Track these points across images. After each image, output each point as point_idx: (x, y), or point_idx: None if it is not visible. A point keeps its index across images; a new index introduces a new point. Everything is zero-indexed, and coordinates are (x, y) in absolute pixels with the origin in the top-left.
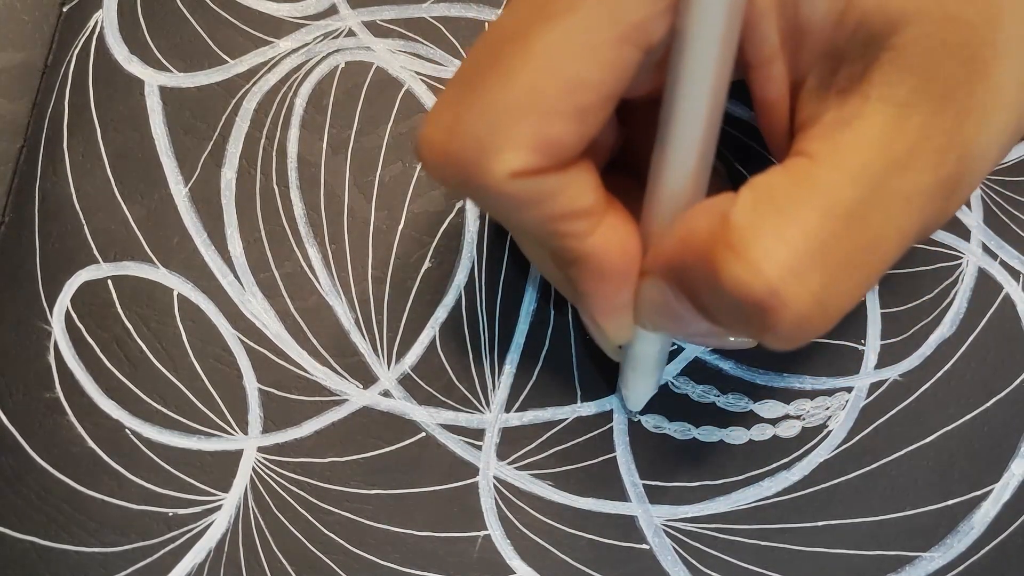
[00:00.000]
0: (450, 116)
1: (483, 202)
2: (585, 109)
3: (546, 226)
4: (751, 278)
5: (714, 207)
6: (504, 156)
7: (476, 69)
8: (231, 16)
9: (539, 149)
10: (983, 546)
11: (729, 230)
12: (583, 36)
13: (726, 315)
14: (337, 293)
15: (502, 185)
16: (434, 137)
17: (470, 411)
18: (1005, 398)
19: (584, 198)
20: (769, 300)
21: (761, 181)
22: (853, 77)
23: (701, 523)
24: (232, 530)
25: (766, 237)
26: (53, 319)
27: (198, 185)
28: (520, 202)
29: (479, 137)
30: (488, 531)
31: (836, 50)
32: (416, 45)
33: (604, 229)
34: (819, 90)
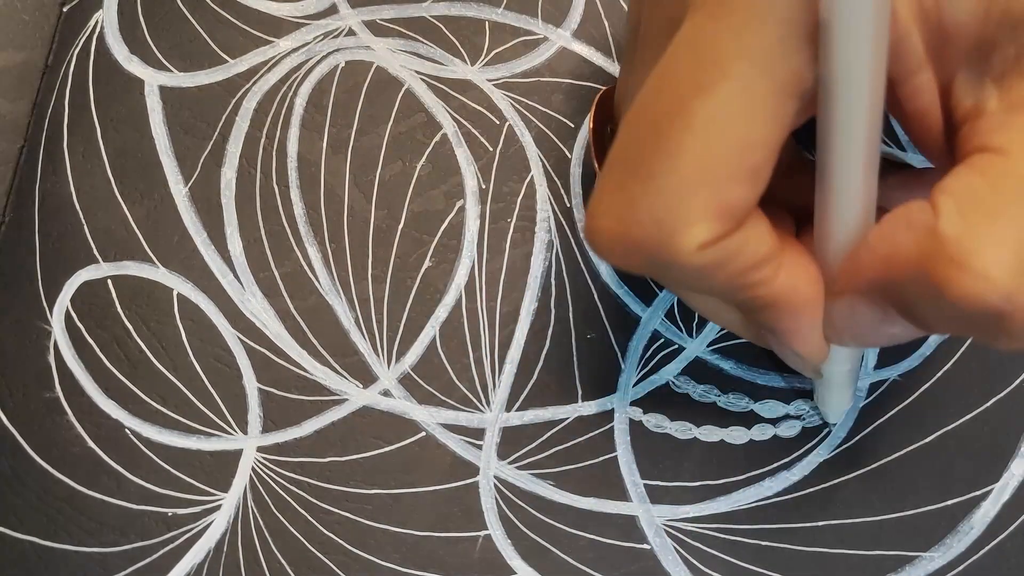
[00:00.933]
0: (621, 202)
1: (669, 276)
2: (757, 167)
3: (734, 282)
4: (984, 289)
5: (914, 220)
6: (689, 232)
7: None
8: (231, 16)
9: (721, 217)
10: (983, 546)
11: (944, 244)
12: (742, 98)
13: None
14: (337, 292)
15: (691, 259)
16: (608, 227)
17: (470, 410)
18: (1005, 398)
19: (764, 245)
20: (1005, 306)
21: (957, 186)
22: (1007, 60)
23: (702, 523)
24: (231, 530)
25: (988, 245)
26: (53, 319)
27: (198, 185)
28: (709, 269)
29: (659, 219)
30: (489, 531)
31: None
32: (416, 44)
33: (788, 268)
34: (973, 81)
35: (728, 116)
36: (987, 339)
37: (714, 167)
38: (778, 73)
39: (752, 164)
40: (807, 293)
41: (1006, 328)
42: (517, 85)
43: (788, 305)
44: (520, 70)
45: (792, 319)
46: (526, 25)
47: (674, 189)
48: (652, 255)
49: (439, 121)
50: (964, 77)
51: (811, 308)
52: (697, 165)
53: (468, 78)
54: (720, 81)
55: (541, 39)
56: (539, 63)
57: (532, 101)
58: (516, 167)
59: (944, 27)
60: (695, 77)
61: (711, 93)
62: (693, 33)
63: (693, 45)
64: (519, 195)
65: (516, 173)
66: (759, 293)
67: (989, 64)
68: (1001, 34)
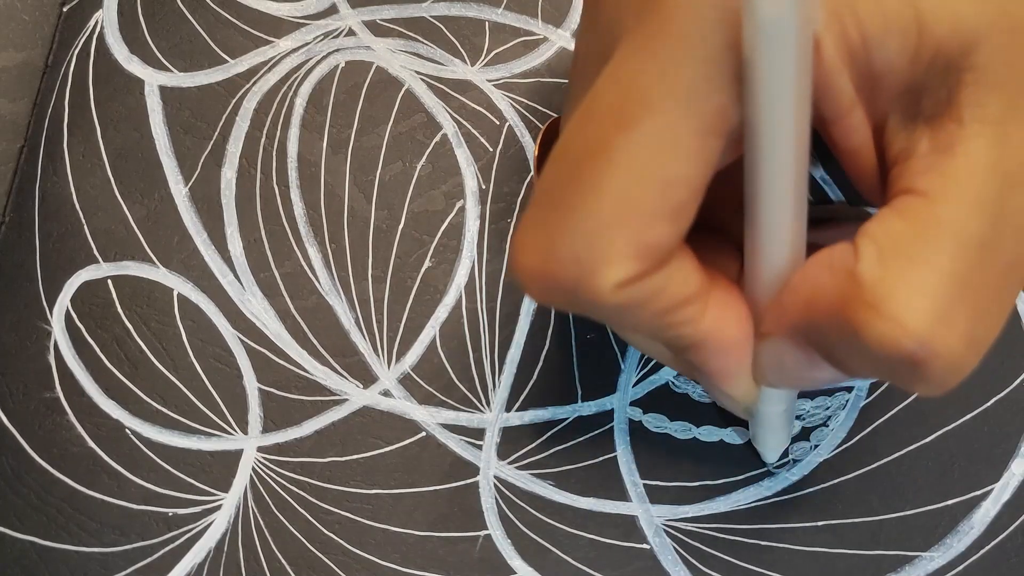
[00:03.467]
0: (543, 238)
1: (591, 313)
2: (679, 206)
3: (656, 321)
4: (898, 335)
5: (835, 264)
6: (608, 271)
7: (559, 187)
8: (231, 16)
9: (641, 256)
10: (983, 546)
11: (862, 288)
12: (665, 136)
13: (869, 369)
14: (337, 293)
15: (610, 298)
16: (530, 262)
17: (470, 411)
18: (1005, 398)
19: (688, 285)
20: (920, 353)
21: (879, 230)
22: (939, 103)
23: (702, 523)
24: (232, 530)
25: (903, 289)
26: (53, 319)
27: (198, 185)
28: (629, 308)
29: (578, 256)
30: (489, 531)
31: (915, 83)
32: (416, 44)
33: (714, 308)
34: (905, 122)
35: (650, 154)
36: (906, 385)
37: (634, 205)
38: (702, 111)
39: (674, 203)
40: (734, 334)
41: (922, 375)
42: (517, 85)
43: (714, 345)
44: (520, 70)
45: (718, 359)
46: (526, 25)
47: (593, 227)
48: (571, 293)
49: (439, 121)
50: (897, 118)
51: (738, 349)
52: (617, 203)
53: (468, 78)
54: (643, 118)
55: (541, 39)
56: (539, 63)
57: (532, 101)
58: (516, 167)
59: (874, 67)
60: (618, 113)
61: (633, 129)
62: (618, 68)
63: (618, 80)
64: (519, 195)
65: (516, 173)
66: (684, 332)
67: (920, 106)
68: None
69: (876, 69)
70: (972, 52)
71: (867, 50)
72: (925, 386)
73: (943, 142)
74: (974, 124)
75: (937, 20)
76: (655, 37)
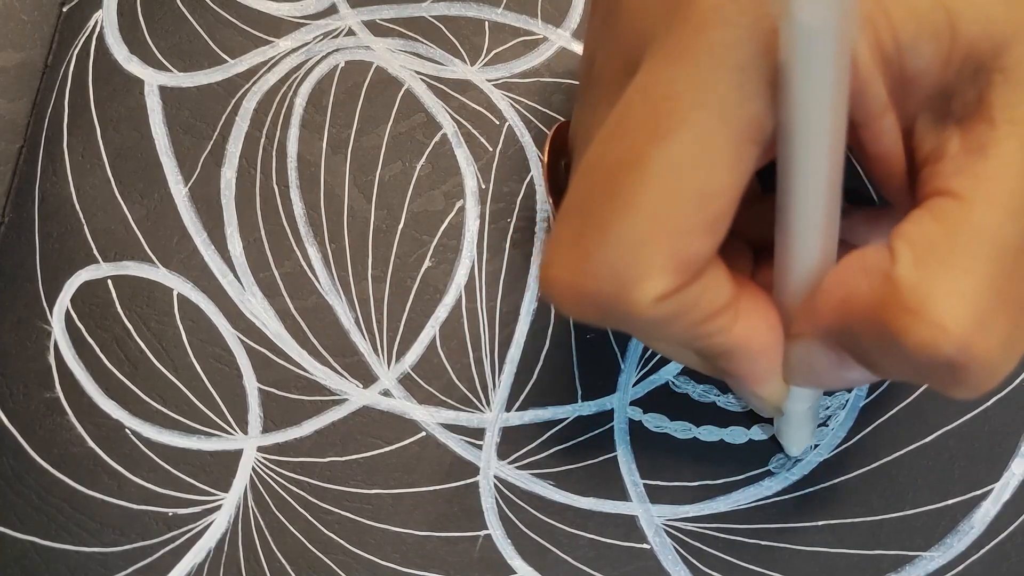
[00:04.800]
0: (577, 253)
1: (625, 327)
2: (716, 218)
3: (692, 332)
4: (938, 339)
5: (870, 267)
6: (646, 285)
7: (593, 201)
8: (231, 16)
9: (678, 269)
10: (983, 545)
11: (900, 292)
12: (700, 147)
13: (904, 372)
14: (337, 292)
15: (647, 312)
16: (564, 277)
17: (470, 410)
18: (1005, 398)
19: (722, 295)
20: (960, 357)
21: (915, 232)
22: (968, 104)
23: (702, 522)
24: (232, 530)
25: (942, 294)
26: (53, 319)
27: (198, 185)
28: (665, 321)
29: (615, 271)
30: (489, 531)
31: (946, 85)
32: (416, 44)
33: (745, 315)
34: (935, 124)
35: (686, 166)
36: (942, 388)
37: (672, 219)
38: (737, 120)
39: (711, 214)
40: (765, 340)
41: (961, 379)
42: (517, 85)
43: (746, 352)
44: (520, 70)
45: (749, 364)
46: (526, 25)
47: (630, 242)
48: (608, 308)
49: (439, 121)
50: (926, 119)
51: (769, 353)
52: (654, 217)
53: (468, 78)
54: (677, 130)
55: (541, 39)
56: (539, 63)
57: (532, 101)
58: (516, 167)
59: (906, 71)
60: (651, 125)
61: (668, 142)
62: (649, 79)
63: (649, 92)
64: (519, 195)
65: (516, 173)
66: (717, 341)
67: (950, 107)
68: (963, 78)
69: (908, 73)
70: (1002, 53)
71: (900, 55)
72: (962, 389)
73: (974, 143)
74: (1005, 125)
75: (969, 22)
76: (686, 47)
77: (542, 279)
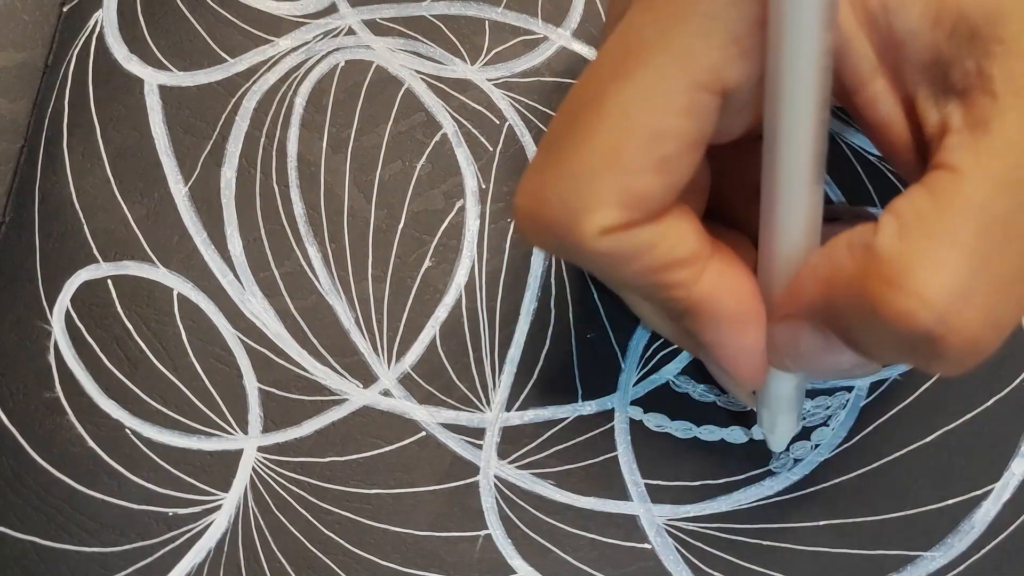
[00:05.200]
0: (536, 182)
1: (581, 262)
2: (667, 159)
3: (647, 279)
4: (916, 309)
5: (855, 241)
6: (592, 216)
7: (557, 134)
8: (231, 15)
9: (626, 204)
10: (984, 545)
11: (881, 263)
12: (655, 88)
13: (887, 349)
14: (337, 292)
15: (595, 243)
16: (524, 204)
17: (470, 410)
18: (1005, 398)
19: (683, 246)
20: (938, 329)
21: (903, 205)
22: (968, 75)
23: (703, 522)
24: (232, 530)
25: (923, 264)
26: (53, 319)
27: (198, 184)
28: (616, 258)
29: (565, 200)
30: (489, 531)
31: (940, 54)
32: (416, 43)
33: (711, 275)
34: (936, 97)
35: (639, 104)
36: (923, 364)
37: (621, 153)
38: (696, 67)
39: (662, 154)
40: (732, 305)
41: (940, 351)
42: (517, 85)
43: (710, 313)
44: (520, 70)
45: (714, 330)
46: (526, 24)
47: (581, 171)
48: (559, 237)
49: (439, 121)
50: (926, 92)
51: (737, 322)
52: (605, 150)
53: (468, 77)
54: (637, 70)
55: (541, 39)
56: (539, 63)
57: (532, 101)
58: (516, 167)
59: (895, 34)
60: (615, 66)
61: (626, 81)
62: (625, 24)
63: (623, 35)
64: None
65: (516, 173)
66: (676, 295)
67: (950, 79)
68: (957, 47)
69: (898, 35)
70: (1000, 23)
71: (887, 14)
72: (943, 364)
73: (977, 117)
74: (1008, 97)
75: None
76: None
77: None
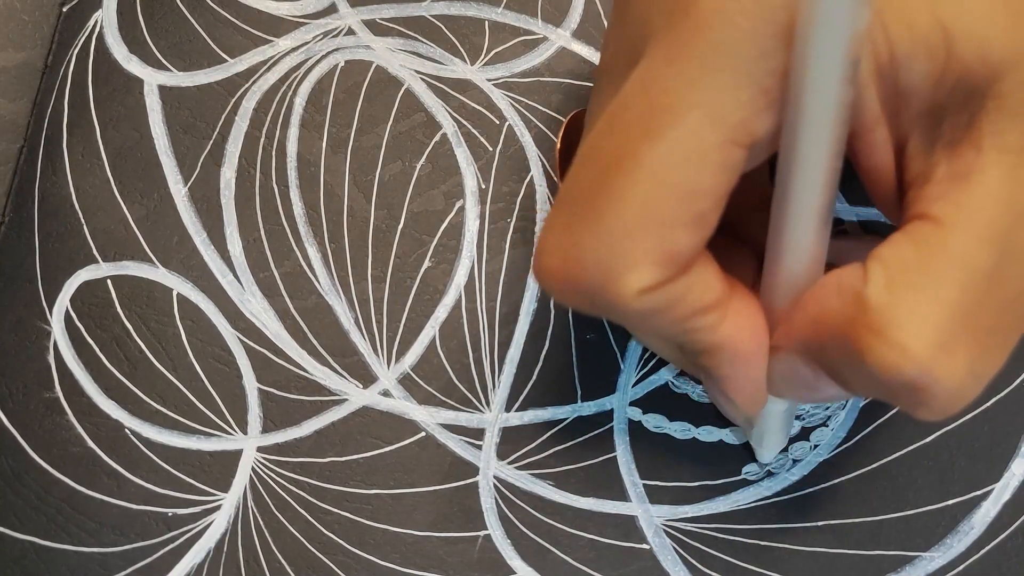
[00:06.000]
0: (567, 241)
1: (612, 317)
2: (702, 215)
3: (677, 327)
4: (900, 361)
5: (844, 285)
6: (631, 276)
7: (586, 191)
8: (230, 15)
9: (663, 263)
10: (983, 546)
11: (868, 312)
12: (690, 146)
13: (872, 391)
14: (337, 292)
15: (632, 303)
16: (553, 265)
17: (470, 411)
18: (1005, 398)
19: (710, 292)
20: (921, 380)
21: (889, 254)
22: (959, 128)
23: (701, 523)
24: (231, 530)
25: (909, 317)
26: (53, 319)
27: (197, 184)
28: (651, 313)
29: (602, 260)
30: (488, 531)
31: (938, 106)
32: (416, 44)
33: (733, 316)
34: (925, 145)
35: (675, 164)
36: (907, 408)
37: (658, 213)
38: (728, 123)
39: (697, 211)
40: (750, 345)
41: (922, 400)
42: (517, 85)
43: (729, 354)
44: (520, 70)
45: (730, 367)
46: (526, 25)
47: (617, 233)
48: (594, 297)
49: (439, 121)
50: (917, 140)
51: (752, 359)
52: (641, 210)
53: (468, 78)
54: (670, 128)
55: (541, 39)
56: (539, 63)
57: (532, 101)
58: (516, 167)
59: (899, 86)
60: (645, 121)
61: (660, 139)
62: (647, 75)
63: (646, 87)
64: (519, 195)
65: (516, 173)
66: (701, 338)
67: (941, 129)
68: (955, 100)
69: (902, 88)
70: (997, 80)
71: (894, 69)
72: (926, 411)
73: (960, 169)
74: (992, 152)
75: (965, 45)
76: (685, 44)
77: (535, 266)
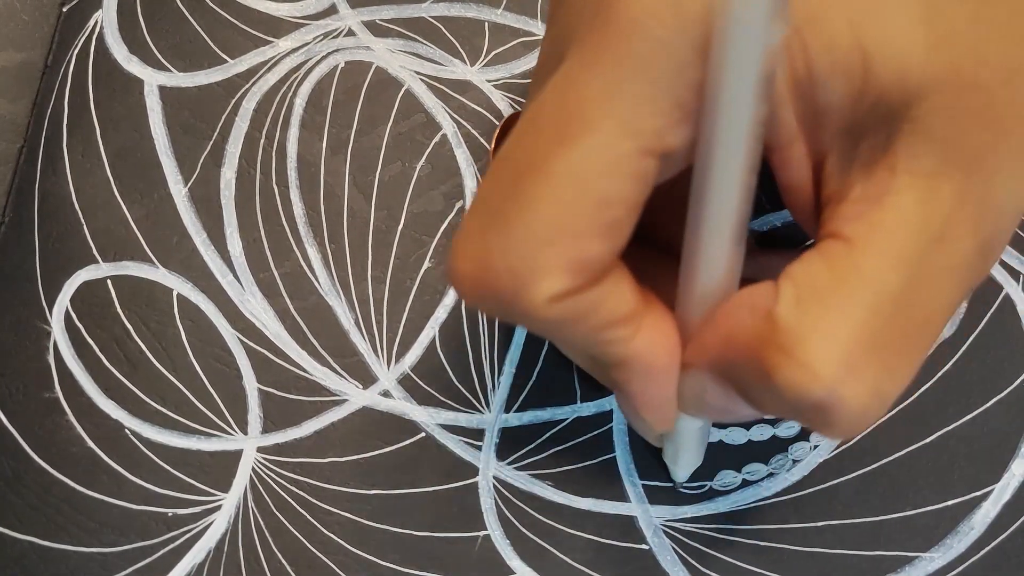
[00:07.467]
0: (479, 247)
1: (525, 325)
2: (614, 224)
3: (589, 338)
4: (807, 381)
5: (755, 303)
6: (541, 284)
7: (499, 196)
8: (231, 16)
9: (574, 271)
10: (983, 546)
11: (777, 331)
12: (603, 154)
13: (780, 409)
14: (337, 293)
15: (542, 311)
16: (466, 270)
17: (470, 411)
18: (1005, 398)
19: (624, 305)
20: (827, 400)
21: (801, 273)
22: (876, 148)
23: (700, 523)
24: (232, 530)
25: (816, 337)
26: (53, 319)
27: (197, 185)
28: (562, 322)
29: (512, 267)
30: (488, 531)
31: (856, 126)
32: (416, 45)
33: (646, 331)
34: (842, 163)
35: (587, 172)
36: (814, 428)
37: (570, 221)
38: (641, 133)
39: (609, 220)
40: (662, 360)
41: (828, 420)
42: (517, 86)
43: (640, 369)
44: (520, 71)
45: (641, 383)
46: (526, 26)
47: (528, 240)
48: (506, 304)
49: (439, 122)
50: (835, 158)
51: (663, 375)
52: (553, 218)
53: (468, 79)
54: (583, 135)
55: (540, 40)
56: None
57: None
58: None
59: (818, 105)
60: (559, 128)
61: (572, 147)
62: (565, 80)
63: (563, 93)
64: None
65: None
66: (613, 351)
67: (859, 149)
68: (872, 121)
69: (820, 107)
70: (914, 104)
71: (812, 87)
72: (831, 431)
73: (875, 190)
74: (906, 176)
75: (883, 68)
76: (603, 53)
77: (448, 270)
